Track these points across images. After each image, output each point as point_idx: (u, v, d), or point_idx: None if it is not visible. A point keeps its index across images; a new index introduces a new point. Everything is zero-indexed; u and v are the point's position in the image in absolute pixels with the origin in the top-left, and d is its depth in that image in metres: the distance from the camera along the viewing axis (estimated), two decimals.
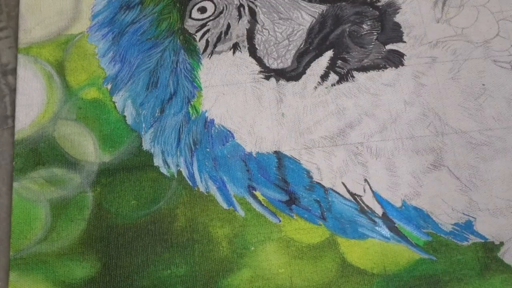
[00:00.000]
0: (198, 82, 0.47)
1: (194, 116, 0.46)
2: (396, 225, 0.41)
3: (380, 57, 0.47)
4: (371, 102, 0.45)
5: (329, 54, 0.48)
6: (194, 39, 0.49)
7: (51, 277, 0.40)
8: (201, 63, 0.48)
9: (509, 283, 0.40)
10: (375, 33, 0.48)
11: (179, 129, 0.45)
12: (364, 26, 0.49)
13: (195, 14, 0.50)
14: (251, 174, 0.43)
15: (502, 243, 0.42)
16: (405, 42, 0.48)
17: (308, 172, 0.43)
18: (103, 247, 0.41)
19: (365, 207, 0.42)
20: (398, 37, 0.48)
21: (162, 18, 0.50)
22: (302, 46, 0.48)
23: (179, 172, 0.44)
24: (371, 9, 0.49)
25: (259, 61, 0.48)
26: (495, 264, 0.41)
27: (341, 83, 0.46)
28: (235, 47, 0.49)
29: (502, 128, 0.45)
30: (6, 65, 0.48)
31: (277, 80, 0.47)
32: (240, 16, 0.50)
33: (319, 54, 0.48)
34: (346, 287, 0.40)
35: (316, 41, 0.48)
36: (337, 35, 0.48)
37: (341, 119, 0.45)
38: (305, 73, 0.47)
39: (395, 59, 0.47)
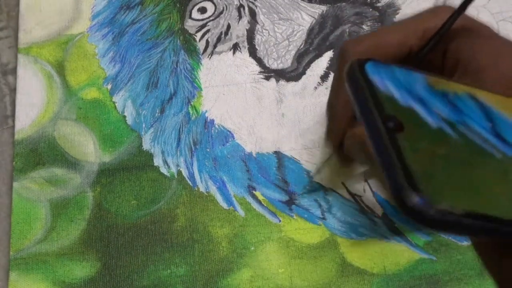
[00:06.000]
0: (198, 82, 0.47)
1: (194, 116, 0.46)
2: (396, 225, 0.41)
3: None
4: None
5: (329, 54, 0.48)
6: (194, 39, 0.49)
7: (51, 277, 0.40)
8: (201, 64, 0.48)
9: None
10: None
11: (179, 129, 0.45)
12: (364, 26, 0.49)
13: (195, 14, 0.50)
14: (251, 174, 0.43)
15: None
16: None
17: (308, 172, 0.43)
18: (103, 247, 0.41)
19: (365, 207, 0.42)
20: None
21: (162, 19, 0.50)
22: (302, 46, 0.48)
23: (179, 172, 0.44)
24: (371, 9, 0.50)
25: (259, 62, 0.48)
26: None
27: None
28: (235, 47, 0.49)
29: None
30: (6, 65, 0.48)
31: (277, 81, 0.47)
32: (240, 16, 0.50)
33: (319, 55, 0.48)
34: (346, 286, 0.40)
35: (316, 42, 0.48)
36: (337, 35, 0.48)
37: None
38: (305, 73, 0.47)
39: None
